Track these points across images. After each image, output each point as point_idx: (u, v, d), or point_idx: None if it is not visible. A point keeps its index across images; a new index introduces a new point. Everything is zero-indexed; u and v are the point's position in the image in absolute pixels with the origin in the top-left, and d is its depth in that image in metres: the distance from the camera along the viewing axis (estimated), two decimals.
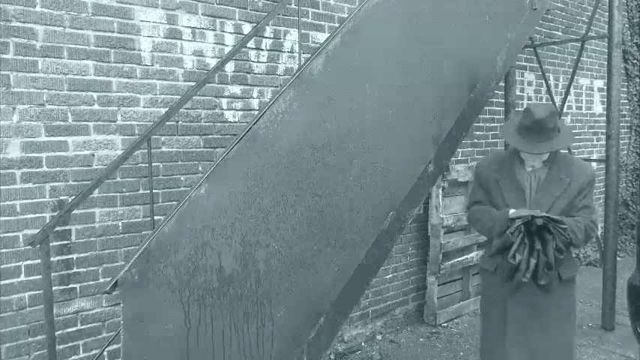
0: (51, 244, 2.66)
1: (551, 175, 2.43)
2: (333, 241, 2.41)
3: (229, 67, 3.35)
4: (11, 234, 2.65)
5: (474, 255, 4.88)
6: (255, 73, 3.49)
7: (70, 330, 2.86)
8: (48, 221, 2.60)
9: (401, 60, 2.59)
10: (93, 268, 2.92)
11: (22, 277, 2.70)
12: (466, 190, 4.77)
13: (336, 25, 3.80)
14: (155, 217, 2.81)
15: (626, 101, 6.78)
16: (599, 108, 6.52)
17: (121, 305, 1.94)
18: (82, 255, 2.87)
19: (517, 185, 2.47)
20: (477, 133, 5.05)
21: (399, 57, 2.58)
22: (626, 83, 6.75)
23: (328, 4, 3.85)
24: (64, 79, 2.77)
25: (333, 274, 2.38)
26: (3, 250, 2.64)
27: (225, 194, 2.14)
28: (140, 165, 3.03)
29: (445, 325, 4.66)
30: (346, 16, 3.56)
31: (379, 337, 4.42)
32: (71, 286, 2.85)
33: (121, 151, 2.89)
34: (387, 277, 4.49)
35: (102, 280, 2.94)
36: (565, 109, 5.84)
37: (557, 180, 2.41)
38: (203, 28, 3.24)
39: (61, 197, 2.78)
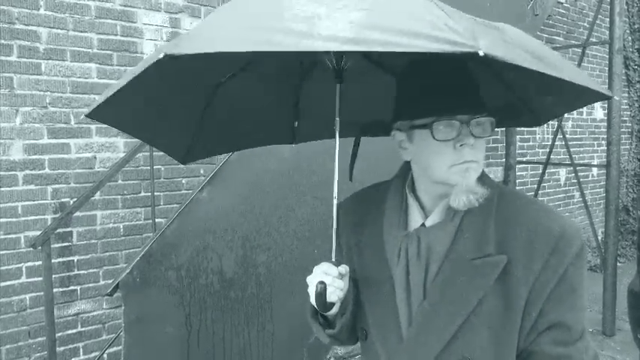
0: (52, 246, 2.66)
1: (461, 247, 0.94)
2: None
3: None
4: (13, 235, 2.66)
5: None
6: None
7: (70, 332, 2.86)
8: (49, 223, 2.61)
9: None
10: (94, 271, 2.92)
11: (23, 279, 2.70)
12: None
13: None
14: (156, 220, 2.81)
15: (626, 107, 6.79)
16: (600, 114, 6.53)
17: (123, 307, 1.94)
18: (83, 257, 2.88)
19: (382, 274, 1.04)
20: None
21: None
22: (627, 89, 6.76)
23: None
24: (67, 82, 2.78)
25: None
26: (4, 252, 2.64)
27: (227, 197, 2.15)
28: (142, 168, 3.03)
29: None
30: None
31: None
32: (72, 288, 2.85)
33: (123, 154, 2.89)
34: None
35: (102, 282, 2.94)
36: (566, 115, 5.85)
37: (476, 262, 0.92)
38: None
39: (63, 199, 2.79)
